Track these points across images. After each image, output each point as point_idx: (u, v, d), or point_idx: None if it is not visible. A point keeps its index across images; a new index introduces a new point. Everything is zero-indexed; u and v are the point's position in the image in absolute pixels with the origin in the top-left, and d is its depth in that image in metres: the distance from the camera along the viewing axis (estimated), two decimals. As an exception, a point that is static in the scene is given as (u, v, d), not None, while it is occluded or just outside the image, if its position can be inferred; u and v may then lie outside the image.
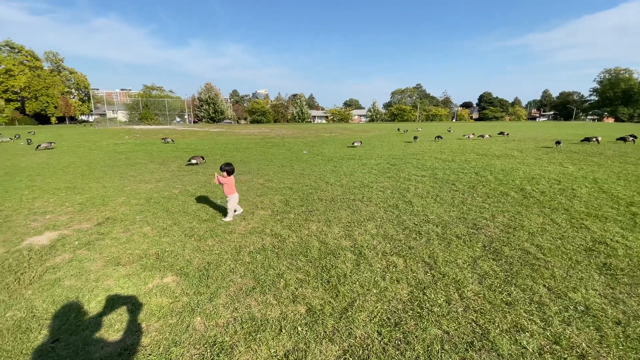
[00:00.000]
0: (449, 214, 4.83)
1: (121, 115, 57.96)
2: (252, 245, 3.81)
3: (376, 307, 2.58)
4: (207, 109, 67.31)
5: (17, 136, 22.71)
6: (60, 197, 6.01)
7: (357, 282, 2.96)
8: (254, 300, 2.70)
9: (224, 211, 4.98)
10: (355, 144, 15.28)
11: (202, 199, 5.80)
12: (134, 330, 2.35)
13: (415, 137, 18.21)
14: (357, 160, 10.57)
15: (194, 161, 9.80)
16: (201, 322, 2.43)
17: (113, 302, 2.69)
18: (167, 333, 2.32)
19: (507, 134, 20.93)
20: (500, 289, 2.82)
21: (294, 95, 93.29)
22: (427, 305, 2.60)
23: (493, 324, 2.37)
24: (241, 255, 3.54)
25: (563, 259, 3.35)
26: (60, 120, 68.74)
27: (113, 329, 2.37)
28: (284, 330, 2.33)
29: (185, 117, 57.57)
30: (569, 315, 2.46)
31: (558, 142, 13.54)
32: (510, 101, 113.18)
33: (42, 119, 65.48)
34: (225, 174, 4.75)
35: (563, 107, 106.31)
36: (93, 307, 2.64)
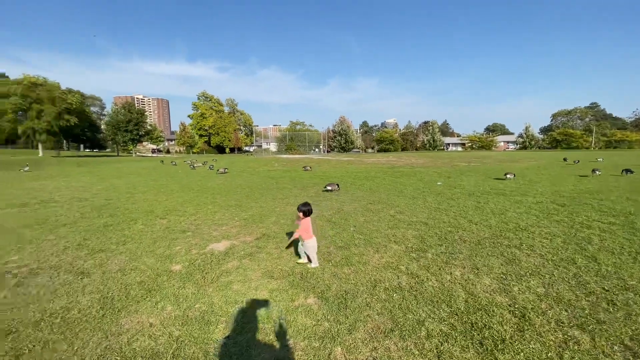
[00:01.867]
0: (666, 283, 3.41)
1: (272, 146, 70.48)
2: (388, 281, 3.68)
3: (555, 396, 1.99)
4: (340, 140, 74.34)
5: (204, 162, 30.56)
6: (231, 213, 7.54)
7: (522, 353, 2.38)
8: (394, 344, 2.54)
9: (337, 248, 4.86)
10: (509, 176, 13.11)
11: (336, 226, 6.13)
12: (284, 344, 2.58)
13: (594, 170, 14.20)
14: (507, 196, 9.02)
15: (329, 188, 10.61)
16: (342, 354, 2.45)
17: (268, 312, 3.06)
18: (312, 355, 2.43)
19: None
20: None
21: (425, 123, 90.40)
22: (645, 417, 1.82)
23: None
24: (377, 290, 3.46)
25: None
26: (232, 150, 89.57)
27: (268, 337, 2.67)
28: (429, 390, 2.07)
29: (321, 147, 64.81)
30: None
31: None
32: None
33: (220, 149, 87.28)
34: (301, 214, 4.23)
35: None
36: (254, 313, 3.07)
